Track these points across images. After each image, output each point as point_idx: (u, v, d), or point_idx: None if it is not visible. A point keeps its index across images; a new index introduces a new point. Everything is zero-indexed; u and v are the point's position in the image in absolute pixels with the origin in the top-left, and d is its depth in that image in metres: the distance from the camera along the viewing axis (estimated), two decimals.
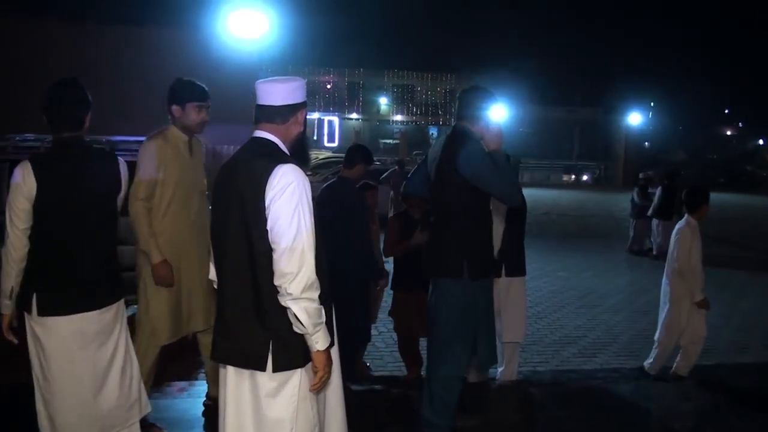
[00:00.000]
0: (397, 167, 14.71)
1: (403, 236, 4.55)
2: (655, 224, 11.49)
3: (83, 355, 2.82)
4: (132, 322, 3.31)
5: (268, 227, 2.26)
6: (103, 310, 2.88)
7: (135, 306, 3.61)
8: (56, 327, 2.78)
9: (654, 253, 11.50)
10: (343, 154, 4.66)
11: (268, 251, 2.28)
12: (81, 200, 2.81)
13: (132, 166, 3.19)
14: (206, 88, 3.58)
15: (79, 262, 2.82)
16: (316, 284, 2.28)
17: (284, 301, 2.25)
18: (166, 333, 3.51)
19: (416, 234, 4.41)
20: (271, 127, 2.44)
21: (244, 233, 2.31)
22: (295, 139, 2.48)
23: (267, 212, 2.27)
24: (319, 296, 2.30)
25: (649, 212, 11.55)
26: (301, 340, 2.32)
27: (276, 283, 2.26)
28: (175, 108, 3.51)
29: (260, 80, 2.45)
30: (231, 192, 2.36)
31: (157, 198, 3.44)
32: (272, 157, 2.35)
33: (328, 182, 4.44)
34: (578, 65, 53.72)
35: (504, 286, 4.53)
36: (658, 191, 11.45)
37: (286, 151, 2.45)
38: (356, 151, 4.42)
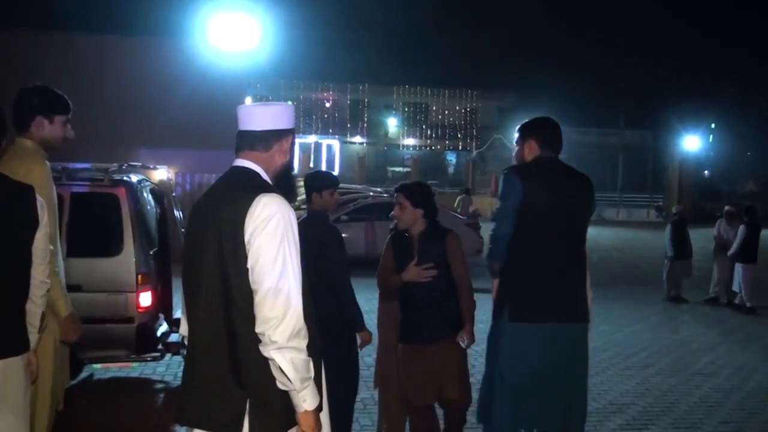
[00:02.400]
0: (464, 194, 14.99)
1: (397, 264, 4.38)
2: (739, 269, 11.44)
3: None
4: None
5: (249, 265, 2.30)
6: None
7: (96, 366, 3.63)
8: None
9: (737, 302, 11.52)
10: (346, 185, 4.75)
11: (247, 293, 2.30)
12: None
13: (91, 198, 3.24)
14: None
15: None
16: (304, 332, 2.30)
17: (267, 351, 2.26)
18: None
19: (410, 268, 4.25)
20: (253, 155, 2.52)
21: (219, 273, 2.34)
22: (280, 169, 2.56)
23: (247, 248, 2.30)
24: (308, 346, 2.30)
25: (730, 252, 11.57)
26: (283, 401, 2.32)
27: (257, 330, 2.27)
28: (39, 119, 3.49)
29: (242, 105, 2.56)
30: (206, 226, 2.41)
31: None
32: (253, 186, 2.40)
33: (300, 218, 4.45)
34: (621, 80, 54.07)
35: None
36: (740, 230, 11.43)
37: (270, 181, 2.51)
38: (315, 179, 4.51)
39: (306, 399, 2.30)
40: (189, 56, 14.12)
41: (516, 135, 3.97)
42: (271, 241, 2.29)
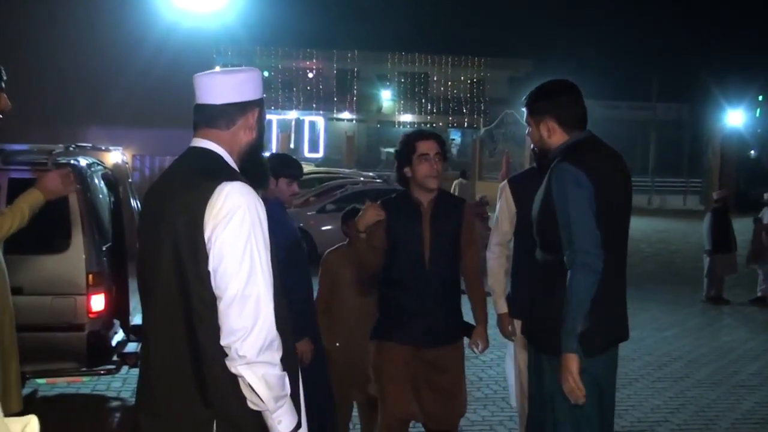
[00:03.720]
0: (461, 178, 14.49)
1: (397, 240, 4.17)
2: None
3: None
4: None
5: (211, 268, 2.27)
6: None
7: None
8: None
9: None
10: (333, 169, 4.72)
11: (210, 300, 2.29)
12: None
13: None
14: None
15: None
16: (277, 343, 2.29)
17: (234, 367, 2.25)
18: None
19: (367, 208, 4.10)
20: (214, 134, 2.48)
21: (177, 277, 2.32)
22: (246, 149, 2.53)
23: (208, 248, 2.27)
24: (282, 359, 2.30)
25: None
26: (256, 421, 2.32)
27: (223, 343, 2.26)
28: None
29: (199, 73, 2.51)
30: (160, 222, 2.38)
31: None
32: (213, 172, 2.37)
33: None
34: (654, 46, 54.15)
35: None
36: None
37: (234, 165, 2.48)
38: (275, 161, 4.38)
39: (282, 420, 2.30)
40: (148, 17, 14.01)
41: (524, 111, 3.57)
42: (236, 239, 2.26)
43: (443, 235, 4.09)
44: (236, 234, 2.26)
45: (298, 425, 2.38)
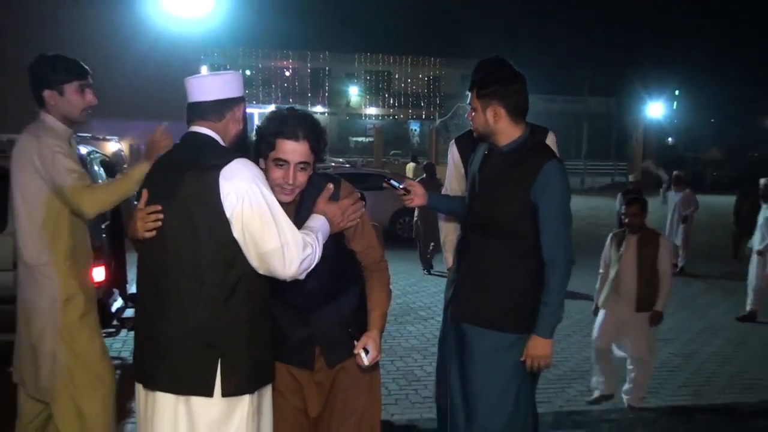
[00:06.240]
0: (425, 175, 12.38)
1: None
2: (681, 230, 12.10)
3: None
4: None
5: (239, 235, 2.37)
6: None
7: None
8: None
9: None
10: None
11: (221, 261, 2.40)
12: None
13: None
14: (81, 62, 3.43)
15: None
16: (309, 250, 2.46)
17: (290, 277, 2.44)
18: None
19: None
20: (208, 124, 2.55)
21: (192, 246, 2.39)
22: (234, 138, 2.60)
23: (230, 217, 2.36)
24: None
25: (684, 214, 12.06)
26: (253, 360, 2.47)
27: (281, 277, 2.43)
28: (49, 94, 3.28)
29: (189, 77, 2.56)
30: (169, 197, 2.42)
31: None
32: (217, 152, 2.46)
33: None
34: (586, 46, 54.47)
35: None
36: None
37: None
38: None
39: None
40: (140, 21, 13.77)
41: (468, 94, 3.25)
42: (257, 206, 2.36)
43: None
44: (260, 203, 2.37)
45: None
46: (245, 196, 2.34)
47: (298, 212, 2.69)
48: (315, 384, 2.88)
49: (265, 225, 2.35)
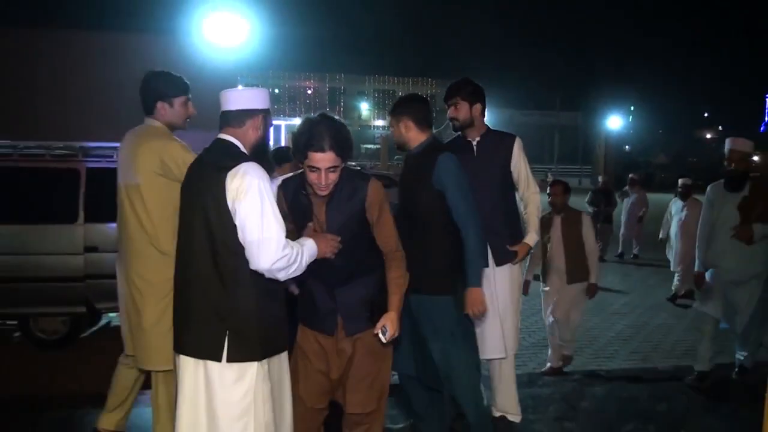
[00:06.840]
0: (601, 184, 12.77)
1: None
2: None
3: None
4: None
5: (237, 223, 2.37)
6: None
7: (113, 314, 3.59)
8: None
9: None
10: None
11: (232, 247, 2.40)
12: None
13: (104, 172, 3.15)
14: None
15: None
16: (290, 262, 2.42)
17: (270, 274, 2.40)
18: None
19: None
20: (230, 130, 2.58)
21: (207, 232, 2.42)
22: (255, 144, 2.61)
23: (232, 210, 2.37)
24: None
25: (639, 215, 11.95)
26: (261, 334, 2.45)
27: (257, 269, 2.39)
28: (161, 105, 3.26)
29: (223, 90, 2.58)
30: (196, 192, 2.48)
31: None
32: (232, 156, 2.47)
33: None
34: (558, 70, 54.27)
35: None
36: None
37: (246, 153, 2.56)
38: (275, 152, 4.30)
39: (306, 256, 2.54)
40: (187, 52, 13.80)
41: (389, 117, 3.45)
42: (253, 201, 2.35)
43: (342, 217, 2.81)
44: (253, 198, 2.36)
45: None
46: (244, 190, 2.35)
47: (331, 200, 2.72)
48: (337, 351, 2.86)
49: (253, 218, 2.34)
